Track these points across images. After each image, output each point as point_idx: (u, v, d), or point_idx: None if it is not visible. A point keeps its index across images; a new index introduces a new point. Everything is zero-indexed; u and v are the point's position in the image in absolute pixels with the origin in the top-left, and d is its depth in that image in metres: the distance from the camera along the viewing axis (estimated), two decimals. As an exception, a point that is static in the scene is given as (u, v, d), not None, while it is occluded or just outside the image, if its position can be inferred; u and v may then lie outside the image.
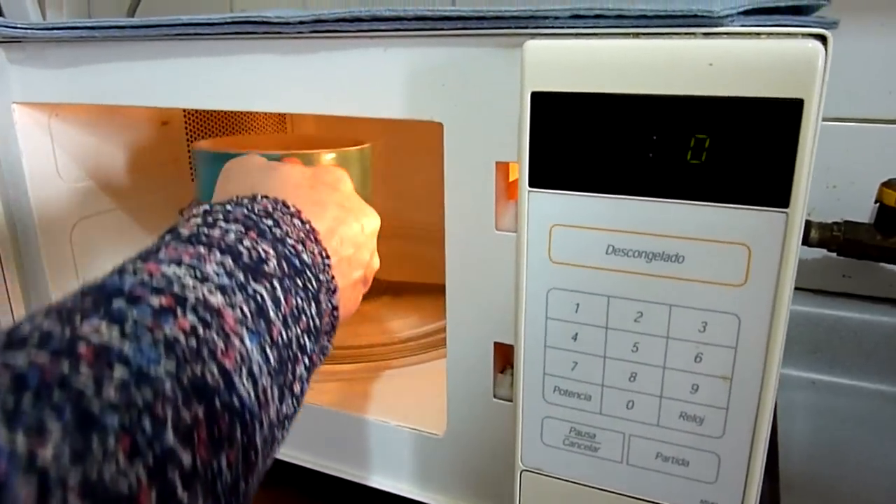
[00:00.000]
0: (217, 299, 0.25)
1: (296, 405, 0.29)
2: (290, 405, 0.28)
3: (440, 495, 0.44)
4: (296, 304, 0.29)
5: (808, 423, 0.61)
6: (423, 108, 0.36)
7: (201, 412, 0.22)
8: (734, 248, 0.29)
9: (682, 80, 0.28)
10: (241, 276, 0.27)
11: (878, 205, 0.58)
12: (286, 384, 0.28)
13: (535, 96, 0.31)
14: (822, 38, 0.27)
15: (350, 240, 0.37)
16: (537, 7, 0.32)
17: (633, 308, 0.32)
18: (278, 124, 0.80)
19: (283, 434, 0.28)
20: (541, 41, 0.31)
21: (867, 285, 0.66)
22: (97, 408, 0.19)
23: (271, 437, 0.27)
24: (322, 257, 0.33)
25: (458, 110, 0.35)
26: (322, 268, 0.33)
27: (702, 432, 0.32)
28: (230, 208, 0.31)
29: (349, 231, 0.37)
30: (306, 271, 0.31)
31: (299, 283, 0.30)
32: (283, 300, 0.28)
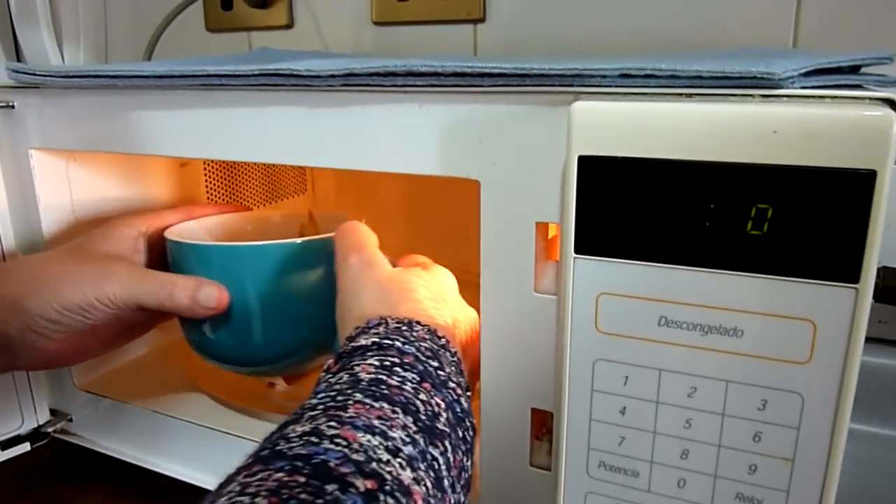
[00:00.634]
0: (407, 476, 0.26)
1: None
2: None
3: (470, 564, 0.42)
4: (459, 461, 0.30)
5: (846, 476, 0.58)
6: (459, 166, 0.35)
7: None
8: (798, 324, 0.28)
9: (743, 146, 0.27)
10: (421, 441, 0.28)
11: (917, 250, 0.56)
12: None
13: (583, 160, 0.29)
14: (892, 103, 0.26)
15: (464, 336, 0.39)
16: (583, 65, 0.30)
17: (687, 383, 0.30)
18: (298, 174, 0.79)
19: None
20: (589, 103, 0.29)
21: (905, 331, 0.63)
22: None
23: None
24: (467, 391, 0.34)
25: (496, 168, 0.34)
26: (469, 405, 0.33)
27: (760, 515, 0.30)
28: (400, 345, 0.32)
29: (461, 332, 0.38)
30: (465, 419, 0.32)
31: (460, 433, 0.31)
32: (452, 461, 0.29)
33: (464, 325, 0.39)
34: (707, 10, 0.58)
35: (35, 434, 0.55)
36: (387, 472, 0.25)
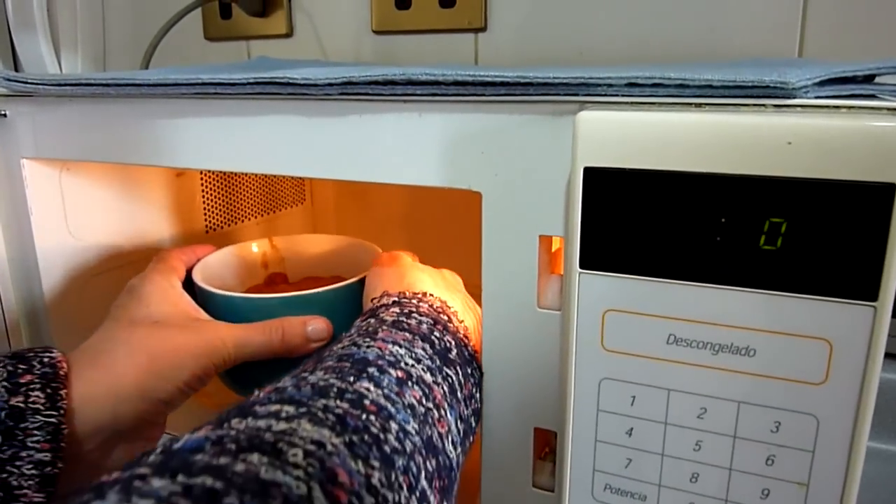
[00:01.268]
0: (428, 377, 0.32)
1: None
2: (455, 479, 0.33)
3: (471, 587, 0.41)
4: (470, 388, 0.35)
5: (861, 495, 0.57)
6: (461, 177, 0.34)
7: (434, 465, 0.29)
8: (813, 343, 0.26)
9: (756, 158, 0.26)
10: (437, 360, 0.34)
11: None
12: (464, 452, 0.34)
13: (589, 172, 0.28)
14: (910, 114, 0.25)
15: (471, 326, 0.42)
16: (589, 74, 0.29)
17: (697, 403, 0.29)
18: (297, 185, 0.78)
19: None
20: (595, 113, 0.28)
21: (914, 345, 0.62)
22: (389, 450, 0.26)
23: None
24: (475, 350, 0.38)
25: (498, 180, 0.33)
26: (476, 356, 0.37)
27: (773, 542, 0.29)
28: (416, 303, 0.38)
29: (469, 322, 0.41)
30: (473, 361, 0.37)
31: (469, 370, 0.36)
32: (463, 384, 0.34)
33: (471, 319, 0.41)
34: (710, 19, 0.57)
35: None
36: (412, 370, 0.32)
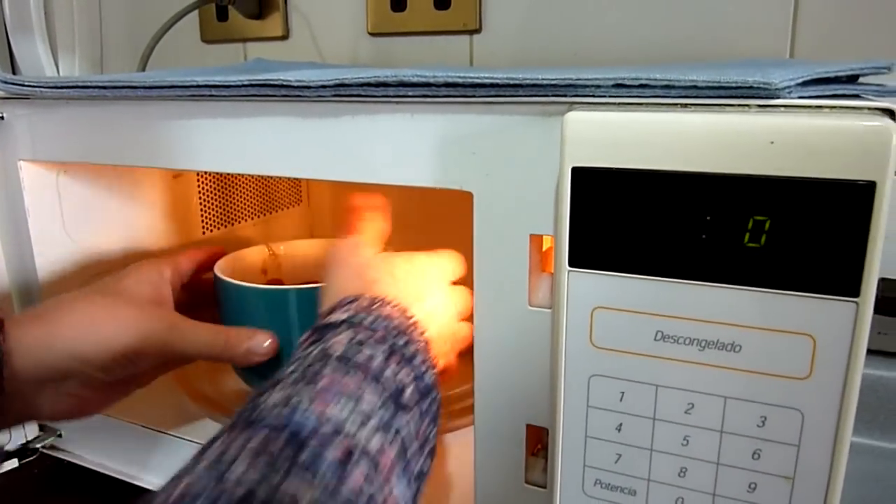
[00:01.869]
0: (375, 443, 0.28)
1: None
2: None
3: (465, 583, 0.41)
4: (423, 431, 0.32)
5: (847, 490, 0.57)
6: (452, 177, 0.34)
7: None
8: (797, 339, 0.27)
9: (740, 157, 0.26)
10: (389, 410, 0.30)
11: (917, 262, 0.56)
12: None
13: (577, 172, 0.29)
14: (892, 113, 0.25)
15: (437, 329, 0.38)
16: (577, 75, 0.30)
17: (684, 399, 0.29)
18: (293, 186, 0.79)
19: None
20: (583, 113, 0.29)
21: (905, 343, 0.63)
22: None
23: None
24: (433, 368, 0.35)
25: (489, 179, 0.33)
26: (436, 381, 0.35)
27: (760, 535, 0.29)
28: (370, 322, 0.33)
29: (437, 321, 0.39)
30: (431, 392, 0.33)
31: (425, 406, 0.32)
32: (416, 431, 0.31)
33: (440, 321, 0.39)
34: (704, 22, 0.58)
35: (23, 450, 0.54)
36: (355, 442, 0.27)
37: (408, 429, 0.30)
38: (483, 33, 0.67)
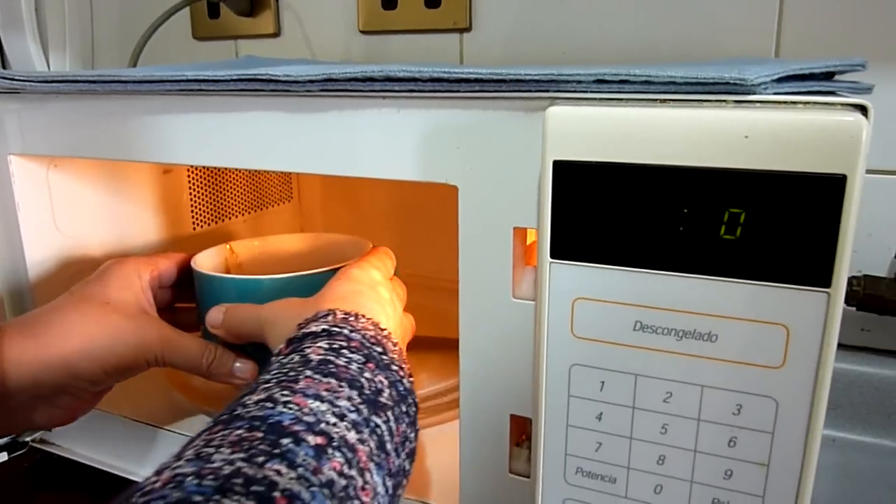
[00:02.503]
0: (352, 436, 0.29)
1: None
2: None
3: (451, 572, 0.42)
4: (402, 431, 0.33)
5: (831, 485, 0.58)
6: (438, 171, 0.35)
7: None
8: (771, 329, 0.28)
9: (715, 151, 0.27)
10: (365, 410, 0.31)
11: (898, 259, 0.56)
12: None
13: (558, 165, 0.29)
14: (863, 109, 0.26)
15: (402, 336, 0.41)
16: (559, 71, 0.30)
17: (662, 388, 0.30)
18: (283, 182, 0.79)
19: None
20: (563, 108, 0.29)
21: (887, 340, 0.63)
22: None
23: None
24: (409, 376, 0.36)
25: (474, 174, 0.34)
26: (412, 387, 0.36)
27: (736, 521, 0.30)
28: (348, 332, 0.35)
29: (400, 328, 0.42)
30: (408, 397, 0.35)
31: (403, 408, 0.34)
32: (395, 430, 0.32)
33: (396, 318, 0.42)
34: (690, 22, 0.59)
35: (13, 444, 0.54)
36: (334, 431, 0.28)
37: (386, 426, 0.31)
38: (473, 32, 0.68)
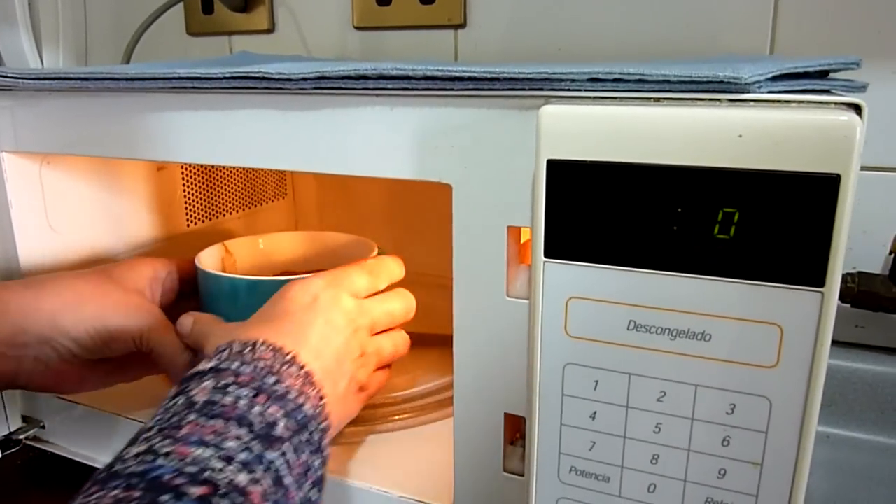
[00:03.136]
0: (243, 478, 0.27)
1: None
2: None
3: (445, 570, 0.42)
4: (304, 461, 0.32)
5: (825, 481, 0.58)
6: (431, 170, 0.35)
7: None
8: (765, 328, 0.28)
9: (709, 151, 0.27)
10: (256, 447, 0.29)
11: (893, 256, 0.56)
12: None
13: (552, 164, 0.29)
14: (857, 108, 0.26)
15: (332, 355, 0.39)
16: (553, 70, 0.30)
17: (656, 387, 0.30)
18: (278, 179, 0.79)
19: None
20: (557, 107, 0.29)
21: (881, 336, 0.64)
22: None
23: None
24: (319, 399, 0.35)
25: (468, 172, 0.34)
26: (319, 411, 0.34)
27: (729, 520, 0.30)
28: (237, 367, 0.33)
29: (331, 347, 0.39)
30: (308, 424, 0.33)
31: (304, 437, 0.32)
32: (294, 462, 0.31)
33: (328, 332, 0.39)
34: (686, 19, 0.58)
35: (6, 441, 0.54)
36: (220, 478, 0.27)
37: (282, 460, 0.30)
38: (468, 28, 0.68)
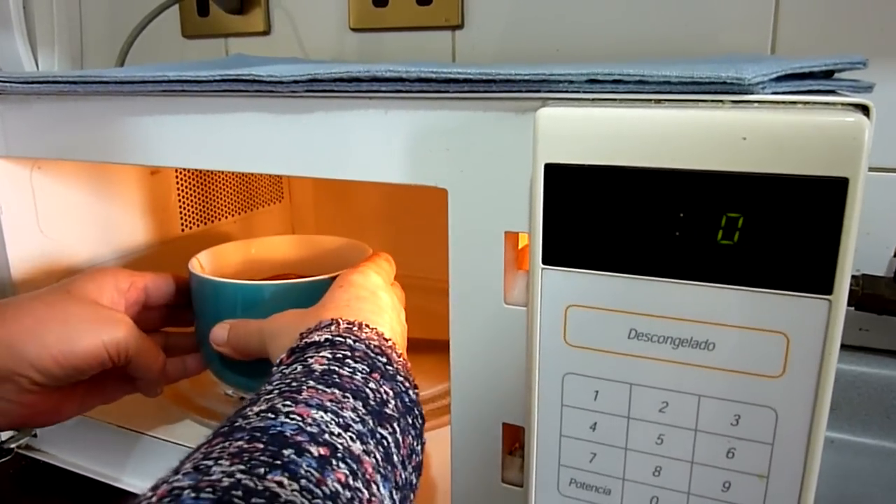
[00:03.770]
0: (358, 447, 0.28)
1: None
2: None
3: (443, 583, 0.41)
4: (409, 444, 0.32)
5: (829, 487, 0.58)
6: (426, 174, 0.34)
7: None
8: (771, 337, 0.27)
9: (712, 154, 0.26)
10: (370, 421, 0.30)
11: (898, 258, 0.56)
12: None
13: (549, 168, 0.28)
14: (865, 109, 0.25)
15: (403, 346, 0.40)
16: (550, 71, 0.30)
17: (658, 397, 0.29)
18: (274, 183, 0.78)
19: None
20: (555, 109, 0.28)
21: (886, 339, 0.63)
22: None
23: None
24: (415, 387, 0.35)
25: (464, 176, 0.33)
26: (417, 398, 0.35)
27: (734, 534, 0.29)
28: (352, 342, 0.34)
29: (401, 339, 0.40)
30: (414, 408, 0.34)
31: (409, 420, 0.33)
32: (401, 441, 0.31)
33: (400, 333, 0.41)
34: (686, 18, 0.58)
35: (-2, 450, 0.54)
36: (338, 442, 0.27)
37: (392, 438, 0.30)
38: (465, 29, 0.67)
